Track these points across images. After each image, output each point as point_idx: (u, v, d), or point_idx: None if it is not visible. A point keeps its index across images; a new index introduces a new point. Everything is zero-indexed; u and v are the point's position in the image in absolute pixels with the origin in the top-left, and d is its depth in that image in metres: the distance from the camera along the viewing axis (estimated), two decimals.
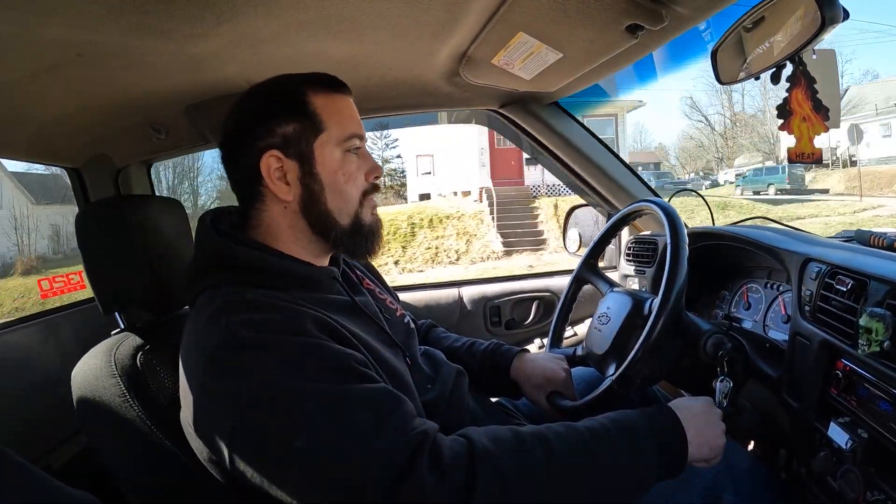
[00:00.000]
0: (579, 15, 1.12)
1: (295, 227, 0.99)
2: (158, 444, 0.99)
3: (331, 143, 0.97)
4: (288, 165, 0.96)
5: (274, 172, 0.95)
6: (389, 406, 0.82)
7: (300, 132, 0.96)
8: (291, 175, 0.96)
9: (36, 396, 1.52)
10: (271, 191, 0.96)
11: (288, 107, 0.97)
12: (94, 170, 1.76)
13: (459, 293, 2.18)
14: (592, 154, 1.94)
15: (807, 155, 1.08)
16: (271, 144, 0.95)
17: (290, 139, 0.95)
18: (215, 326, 0.84)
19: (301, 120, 0.96)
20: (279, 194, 0.96)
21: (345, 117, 1.00)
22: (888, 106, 24.31)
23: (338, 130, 0.98)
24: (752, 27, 1.13)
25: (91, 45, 1.04)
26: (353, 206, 1.00)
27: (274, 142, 0.95)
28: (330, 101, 0.99)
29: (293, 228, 0.99)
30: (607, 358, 1.22)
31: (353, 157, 1.00)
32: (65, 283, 2.90)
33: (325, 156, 0.97)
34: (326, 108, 0.98)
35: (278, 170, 0.95)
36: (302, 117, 0.96)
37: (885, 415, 0.93)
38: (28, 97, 1.22)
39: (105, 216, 1.19)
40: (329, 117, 0.98)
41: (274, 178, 0.95)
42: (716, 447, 0.96)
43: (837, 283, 1.06)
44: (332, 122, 0.98)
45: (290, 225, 0.99)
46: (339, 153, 0.98)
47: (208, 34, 1.08)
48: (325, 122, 0.97)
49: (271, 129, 0.95)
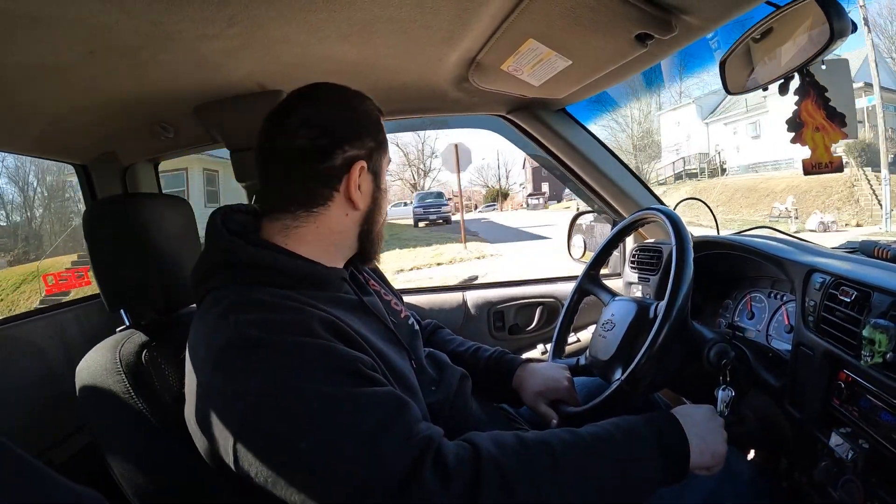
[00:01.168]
0: (589, 23, 1.12)
1: (344, 234, 1.04)
2: (161, 443, 0.99)
3: (385, 162, 1.07)
4: (365, 178, 1.02)
5: (355, 182, 0.99)
6: (395, 410, 0.82)
7: (377, 150, 1.04)
8: (366, 187, 1.02)
9: (40, 391, 1.52)
10: (347, 198, 1.00)
11: (374, 123, 1.05)
12: (101, 167, 1.77)
13: (464, 297, 2.19)
14: (599, 161, 1.94)
15: (824, 164, 1.07)
16: (361, 156, 1.00)
17: (372, 154, 1.03)
18: (224, 325, 0.84)
19: (378, 139, 1.04)
20: (357, 202, 1.01)
21: (388, 143, 1.10)
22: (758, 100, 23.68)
23: (387, 153, 1.08)
24: (760, 38, 1.13)
25: (102, 43, 1.05)
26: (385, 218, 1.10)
27: (362, 154, 1.01)
28: (383, 126, 1.08)
29: (342, 234, 1.03)
30: (613, 363, 1.21)
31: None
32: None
33: (383, 174, 1.07)
34: (384, 133, 1.07)
35: (356, 180, 1.00)
36: (380, 136, 1.05)
37: (887, 426, 0.94)
38: (38, 94, 1.23)
39: (112, 213, 1.19)
40: (385, 141, 1.07)
41: (356, 187, 1.00)
42: (717, 455, 0.96)
43: (841, 293, 1.06)
44: (385, 146, 1.07)
45: (341, 231, 1.03)
46: (385, 172, 1.08)
47: (220, 35, 1.09)
48: (384, 145, 1.07)
49: (363, 141, 1.01)
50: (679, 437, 0.93)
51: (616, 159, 1.98)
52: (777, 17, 1.06)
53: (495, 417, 1.24)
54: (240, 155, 1.61)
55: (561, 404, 1.25)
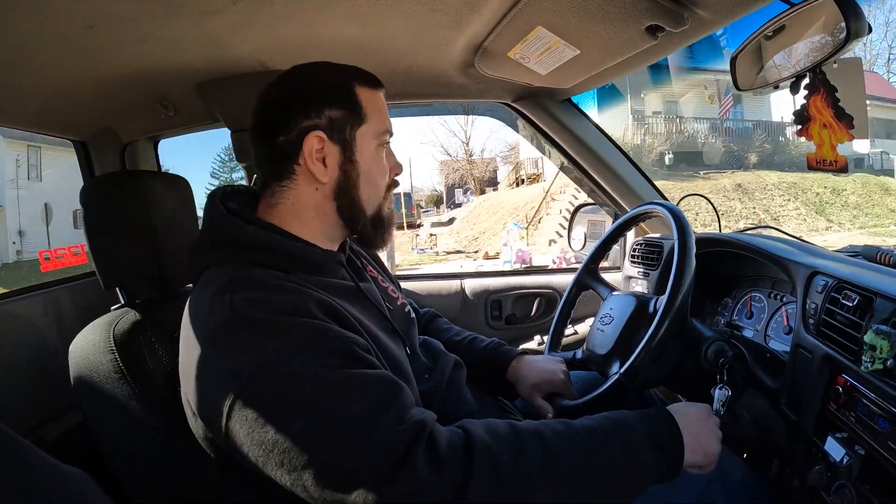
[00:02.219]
0: (600, 12, 1.11)
1: (321, 210, 1.01)
2: (151, 422, 0.99)
3: (370, 135, 1.01)
4: (329, 149, 0.98)
5: (315, 153, 0.97)
6: (389, 393, 0.82)
7: (345, 119, 0.98)
8: (331, 159, 0.98)
9: (33, 368, 1.52)
10: (308, 170, 0.98)
11: (337, 93, 0.99)
12: (100, 143, 1.76)
13: (462, 285, 2.18)
14: (603, 153, 1.93)
15: (829, 162, 1.06)
16: (317, 125, 0.97)
17: (335, 124, 0.98)
18: (220, 303, 0.83)
19: (348, 108, 0.99)
20: (316, 174, 0.98)
21: (382, 113, 1.03)
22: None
23: (376, 124, 1.01)
24: (772, 35, 1.11)
25: (103, 17, 1.03)
26: (380, 198, 1.04)
27: (320, 123, 0.97)
28: (372, 95, 1.02)
29: (318, 210, 1.00)
30: (610, 358, 1.21)
31: (382, 152, 1.04)
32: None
33: (364, 146, 1.00)
34: (369, 102, 1.01)
35: (319, 151, 0.97)
36: (348, 106, 0.99)
37: (883, 433, 0.93)
38: (37, 68, 1.21)
39: (110, 191, 1.18)
40: (371, 110, 1.01)
41: (313, 159, 0.97)
42: (710, 454, 0.95)
43: (844, 297, 1.05)
44: (372, 116, 1.01)
45: (316, 206, 1.00)
46: (374, 145, 1.02)
47: (224, 10, 1.07)
48: (367, 114, 1.00)
49: (319, 111, 0.97)
50: (673, 434, 0.93)
51: (620, 152, 1.96)
52: (791, 15, 1.05)
53: (489, 406, 1.23)
54: (239, 135, 1.60)
55: (556, 397, 1.25)
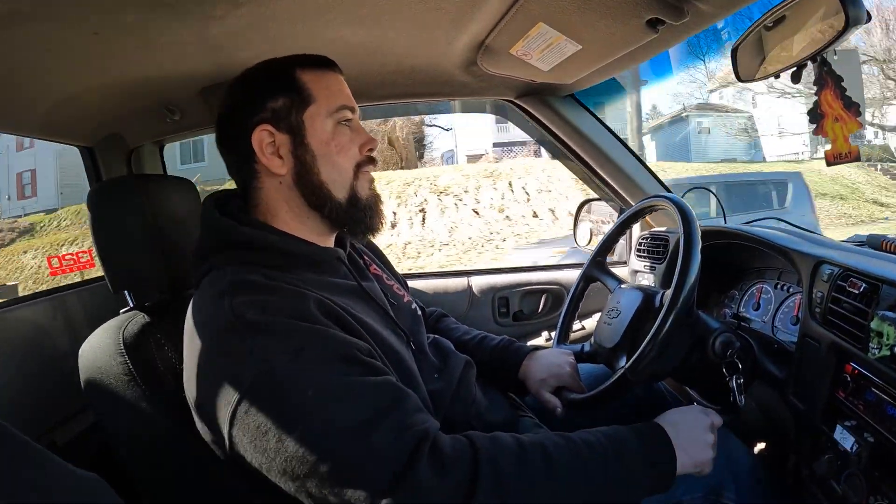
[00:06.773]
0: (600, 7, 1.11)
1: (291, 202, 1.00)
2: (162, 424, 1.00)
3: (321, 114, 0.99)
4: (280, 139, 0.97)
5: (266, 147, 0.97)
6: (391, 400, 0.81)
7: (289, 106, 0.98)
8: (284, 149, 0.98)
9: (44, 372, 1.53)
10: (265, 166, 0.98)
11: (276, 82, 0.99)
12: (106, 149, 1.76)
13: (469, 282, 2.18)
14: (607, 148, 1.92)
15: (844, 155, 1.06)
16: (262, 119, 0.97)
17: (280, 113, 0.97)
18: (219, 307, 0.84)
19: (289, 94, 0.98)
20: (273, 168, 0.97)
21: (333, 91, 1.01)
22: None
23: (326, 102, 0.99)
24: (772, 26, 1.11)
25: (108, 24, 1.04)
26: (348, 178, 1.01)
27: (264, 116, 0.97)
28: (317, 76, 1.01)
29: (289, 203, 1.00)
30: (617, 351, 1.21)
31: (345, 130, 1.01)
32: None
33: (316, 127, 0.99)
34: (314, 83, 0.99)
35: (270, 144, 0.97)
36: (290, 92, 0.98)
37: (892, 419, 0.93)
38: (43, 75, 1.22)
39: (117, 195, 1.19)
40: (317, 90, 0.99)
41: (266, 153, 0.97)
42: (700, 463, 0.95)
43: (849, 285, 1.05)
44: (320, 95, 0.99)
45: (286, 200, 1.00)
46: (330, 124, 1.00)
47: (226, 16, 1.07)
48: (313, 95, 0.99)
49: (262, 105, 0.97)
50: (665, 447, 0.93)
51: (624, 146, 1.96)
52: (790, 6, 1.05)
53: (499, 405, 1.23)
54: None
55: (564, 391, 1.25)
